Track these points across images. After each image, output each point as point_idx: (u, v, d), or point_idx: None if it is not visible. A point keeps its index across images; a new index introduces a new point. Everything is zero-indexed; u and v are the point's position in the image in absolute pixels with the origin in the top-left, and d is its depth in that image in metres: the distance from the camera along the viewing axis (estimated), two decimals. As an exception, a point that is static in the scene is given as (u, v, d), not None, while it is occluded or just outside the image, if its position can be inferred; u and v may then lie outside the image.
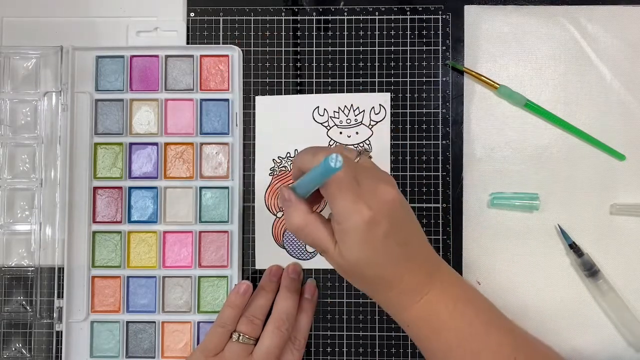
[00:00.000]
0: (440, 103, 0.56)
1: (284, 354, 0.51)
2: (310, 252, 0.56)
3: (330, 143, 0.56)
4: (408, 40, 0.57)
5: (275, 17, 0.57)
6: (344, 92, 0.56)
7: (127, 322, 0.56)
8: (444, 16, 0.57)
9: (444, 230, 0.56)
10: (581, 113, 0.56)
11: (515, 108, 0.56)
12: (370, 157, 0.53)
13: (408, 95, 0.56)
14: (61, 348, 0.55)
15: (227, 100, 0.57)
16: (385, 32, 0.57)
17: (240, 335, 0.50)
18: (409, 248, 0.45)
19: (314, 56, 0.57)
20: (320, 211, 0.54)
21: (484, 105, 0.56)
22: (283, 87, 0.57)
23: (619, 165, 0.55)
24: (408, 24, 0.57)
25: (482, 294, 0.48)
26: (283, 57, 0.57)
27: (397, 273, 0.44)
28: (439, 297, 0.45)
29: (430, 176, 0.56)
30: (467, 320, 0.45)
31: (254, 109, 0.57)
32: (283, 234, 0.56)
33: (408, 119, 0.56)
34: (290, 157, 0.56)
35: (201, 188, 0.56)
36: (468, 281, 0.48)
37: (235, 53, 0.56)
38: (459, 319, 0.45)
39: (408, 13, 0.57)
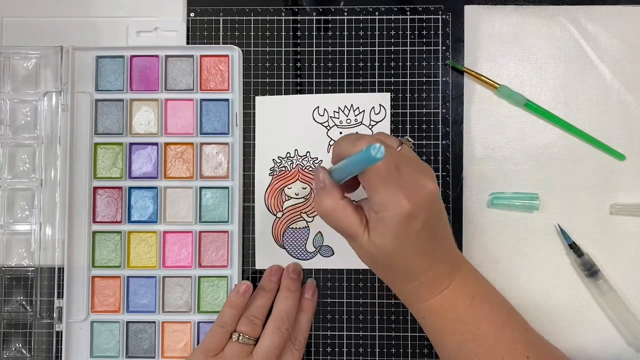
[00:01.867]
0: (440, 103, 0.56)
1: (284, 354, 0.51)
2: (310, 252, 0.56)
3: (330, 143, 0.56)
4: (408, 40, 0.57)
5: (275, 17, 0.57)
6: (344, 92, 0.56)
7: (127, 322, 0.56)
8: (444, 16, 0.57)
9: (444, 230, 0.56)
10: (581, 113, 0.56)
11: (515, 108, 0.56)
12: (412, 146, 0.52)
13: (408, 95, 0.56)
14: (61, 348, 0.55)
15: (227, 100, 0.57)
16: (385, 32, 0.57)
17: (240, 335, 0.50)
18: (438, 242, 0.45)
19: (314, 56, 0.57)
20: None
21: (484, 105, 0.56)
22: (283, 87, 0.57)
23: (619, 165, 0.55)
24: (408, 24, 0.57)
25: (498, 291, 0.49)
26: (283, 57, 0.57)
27: (423, 265, 0.45)
28: (457, 291, 0.46)
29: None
30: (483, 316, 0.46)
31: (254, 109, 0.57)
32: (283, 234, 0.56)
33: (408, 119, 0.56)
34: (290, 157, 0.56)
35: (201, 188, 0.56)
36: (486, 278, 0.49)
37: (235, 53, 0.56)
38: (476, 313, 0.46)
39: (408, 13, 0.57)
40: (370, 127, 0.56)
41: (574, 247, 0.54)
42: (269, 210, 0.56)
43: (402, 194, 0.41)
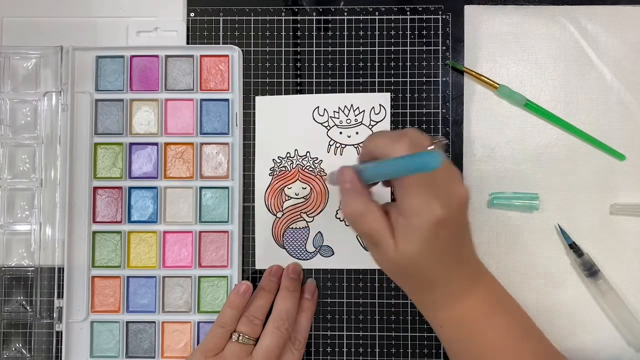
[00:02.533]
0: (440, 103, 0.56)
1: (284, 354, 0.51)
2: (310, 252, 0.56)
3: (330, 143, 0.56)
4: (408, 40, 0.57)
5: (275, 17, 0.57)
6: (344, 92, 0.56)
7: (127, 322, 0.56)
8: (444, 16, 0.57)
9: (444, 230, 0.56)
10: (581, 113, 0.56)
11: (515, 108, 0.56)
12: (445, 145, 0.50)
13: (408, 95, 0.56)
14: (61, 348, 0.55)
15: (227, 100, 0.57)
16: (385, 32, 0.57)
17: (240, 335, 0.50)
18: (463, 251, 0.44)
19: (314, 56, 0.57)
20: None
21: (484, 105, 0.56)
22: (283, 87, 0.57)
23: (619, 165, 0.55)
24: (408, 24, 0.57)
25: (519, 304, 0.48)
26: (283, 57, 0.57)
27: (448, 275, 0.43)
28: (479, 302, 0.45)
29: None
30: (503, 328, 0.45)
31: (254, 109, 0.57)
32: (283, 234, 0.56)
33: (408, 119, 0.56)
34: (290, 157, 0.56)
35: (201, 188, 0.56)
36: (507, 291, 0.48)
37: (235, 53, 0.56)
38: (496, 325, 0.45)
39: (408, 13, 0.57)
40: (370, 127, 0.56)
41: (574, 247, 0.54)
42: (269, 210, 0.56)
43: (436, 201, 0.40)
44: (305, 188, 0.56)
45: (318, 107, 0.56)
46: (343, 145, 0.56)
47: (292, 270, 0.55)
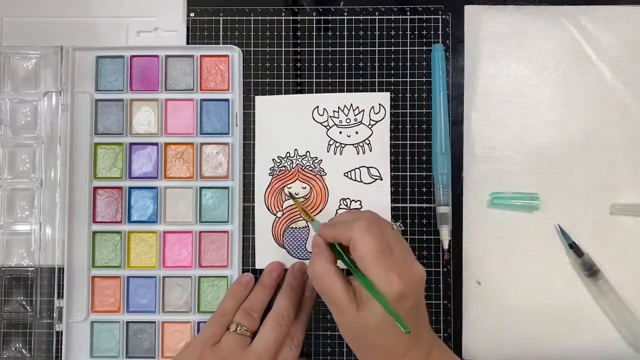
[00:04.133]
0: (440, 103, 0.56)
1: (282, 349, 0.51)
2: (310, 252, 0.56)
3: (330, 142, 0.56)
4: (408, 40, 0.57)
5: (275, 17, 0.57)
6: (344, 92, 0.56)
7: (127, 322, 0.56)
8: (444, 16, 0.57)
9: (444, 230, 0.56)
10: (581, 113, 0.56)
11: (515, 108, 0.56)
12: (402, 229, 0.54)
13: (408, 95, 0.56)
14: (61, 348, 0.55)
15: (227, 100, 0.57)
16: (385, 32, 0.57)
17: (238, 326, 0.50)
18: (420, 322, 0.46)
19: (314, 56, 0.57)
20: None
21: (484, 105, 0.56)
22: (283, 87, 0.57)
23: (619, 165, 0.55)
24: (408, 24, 0.57)
25: None
26: (283, 57, 0.57)
27: (406, 346, 0.45)
28: None
29: (430, 176, 0.56)
30: None
31: (254, 109, 0.57)
32: (283, 233, 0.56)
33: (408, 119, 0.56)
34: (290, 156, 0.56)
35: (201, 188, 0.56)
36: (457, 357, 0.49)
37: (235, 53, 0.56)
38: None
39: (408, 13, 0.57)
40: (369, 126, 0.56)
41: (574, 247, 0.54)
42: (269, 210, 0.56)
43: (394, 274, 0.43)
44: (305, 187, 0.56)
45: (318, 106, 0.56)
46: (343, 145, 0.56)
47: (298, 269, 0.55)
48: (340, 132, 0.56)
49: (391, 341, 0.44)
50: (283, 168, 0.56)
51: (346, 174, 0.56)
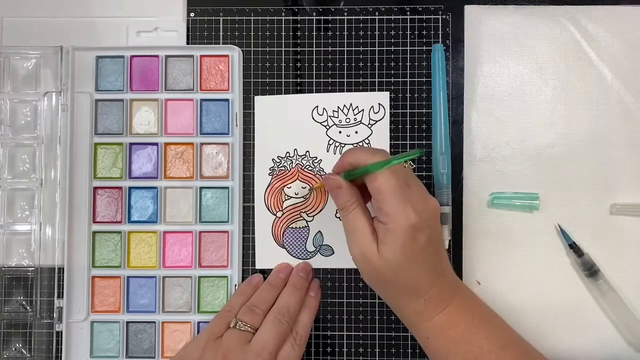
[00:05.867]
0: (440, 103, 0.56)
1: (284, 347, 0.51)
2: (310, 252, 0.56)
3: (329, 142, 0.56)
4: (408, 40, 0.57)
5: (275, 17, 0.57)
6: (343, 92, 0.56)
7: (127, 322, 0.56)
8: (444, 16, 0.57)
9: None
10: (581, 113, 0.56)
11: (515, 108, 0.56)
12: (413, 166, 0.55)
13: (408, 95, 0.56)
14: (61, 348, 0.55)
15: (227, 100, 0.57)
16: (385, 32, 0.57)
17: (239, 322, 0.50)
18: (440, 258, 0.47)
19: (314, 56, 0.57)
20: None
21: (484, 105, 0.56)
22: (283, 87, 0.57)
23: (619, 165, 0.55)
24: (408, 24, 0.57)
25: (496, 313, 0.50)
26: (283, 57, 0.57)
27: (428, 282, 0.46)
28: (459, 309, 0.47)
29: (430, 176, 0.56)
30: (484, 335, 0.47)
31: (253, 109, 0.57)
32: (283, 233, 0.56)
33: (408, 118, 0.56)
34: (289, 156, 0.56)
35: (201, 188, 0.56)
36: (484, 302, 0.50)
37: (235, 53, 0.56)
38: (478, 332, 0.47)
39: (408, 13, 0.57)
40: (369, 126, 0.56)
41: (574, 247, 0.54)
42: (269, 210, 0.56)
43: (410, 206, 0.44)
44: (305, 187, 0.56)
45: (317, 106, 0.56)
46: (342, 145, 0.56)
47: (302, 268, 0.55)
48: (340, 132, 0.56)
49: (413, 274, 0.45)
50: (283, 168, 0.56)
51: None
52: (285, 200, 0.56)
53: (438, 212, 0.46)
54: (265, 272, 0.56)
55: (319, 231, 0.56)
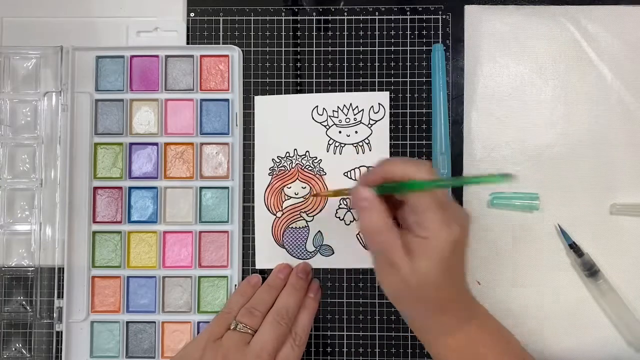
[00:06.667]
0: (440, 103, 0.56)
1: (283, 348, 0.51)
2: (310, 252, 0.56)
3: (329, 142, 0.56)
4: (408, 40, 0.57)
5: (275, 17, 0.57)
6: (343, 92, 0.56)
7: (127, 322, 0.56)
8: (444, 16, 0.57)
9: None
10: (581, 113, 0.56)
11: (515, 108, 0.56)
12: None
13: (408, 95, 0.56)
14: (61, 348, 0.55)
15: (227, 100, 0.57)
16: (385, 32, 0.57)
17: (238, 324, 0.50)
18: (465, 275, 0.47)
19: (314, 56, 0.57)
20: None
21: (484, 105, 0.56)
22: (283, 87, 0.57)
23: (619, 165, 0.55)
24: (408, 24, 0.57)
25: (510, 332, 0.49)
26: (283, 57, 0.57)
27: (459, 297, 0.46)
28: (481, 327, 0.47)
29: (430, 176, 0.56)
30: (501, 351, 0.46)
31: (253, 109, 0.57)
32: (283, 233, 0.56)
33: (408, 119, 0.56)
34: (289, 156, 0.56)
35: (201, 188, 0.56)
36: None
37: (235, 53, 0.56)
38: (497, 350, 0.46)
39: (408, 13, 0.57)
40: (369, 126, 0.56)
41: (574, 247, 0.54)
42: (269, 210, 0.56)
43: (453, 221, 0.42)
44: (305, 187, 0.56)
45: (317, 106, 0.56)
46: (342, 145, 0.56)
47: (302, 269, 0.55)
48: (340, 132, 0.56)
49: (445, 290, 0.44)
50: (283, 168, 0.56)
51: (346, 174, 0.56)
52: (285, 200, 0.56)
53: (469, 227, 0.45)
54: (265, 272, 0.56)
55: (319, 231, 0.56)
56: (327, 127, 0.56)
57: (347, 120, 0.56)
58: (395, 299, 0.47)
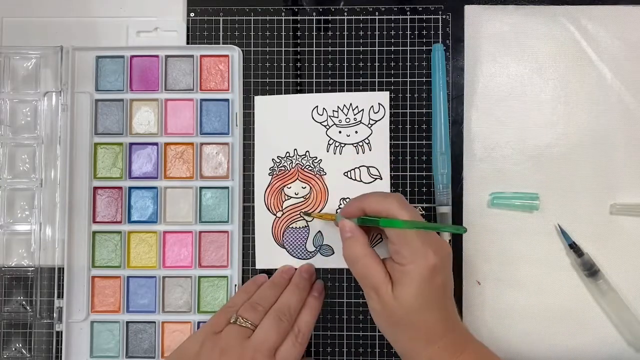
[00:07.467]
0: (440, 103, 0.56)
1: (284, 344, 0.50)
2: (311, 252, 0.56)
3: (329, 142, 0.56)
4: (408, 40, 0.57)
5: (275, 17, 0.57)
6: (343, 92, 0.56)
7: (127, 322, 0.56)
8: (444, 16, 0.57)
9: (444, 230, 0.56)
10: (581, 113, 0.56)
11: (515, 108, 0.56)
12: (422, 212, 0.56)
13: (408, 95, 0.56)
14: (61, 348, 0.55)
15: (227, 100, 0.57)
16: (385, 32, 0.57)
17: (239, 318, 0.50)
18: (451, 304, 0.48)
19: (314, 56, 0.57)
20: None
21: (484, 105, 0.56)
22: (283, 87, 0.57)
23: (619, 165, 0.55)
24: (408, 24, 0.57)
25: None
26: (283, 57, 0.57)
27: (443, 327, 0.46)
28: (473, 358, 0.47)
29: (430, 176, 0.56)
30: None
31: (253, 109, 0.57)
32: (283, 233, 0.56)
33: (408, 118, 0.56)
34: (289, 156, 0.56)
35: (201, 188, 0.56)
36: (493, 353, 0.50)
37: (235, 53, 0.56)
38: None
39: (408, 13, 0.57)
40: (369, 126, 0.56)
41: (574, 247, 0.54)
42: (269, 210, 0.56)
43: (429, 248, 0.45)
44: (305, 187, 0.56)
45: (317, 106, 0.56)
46: (342, 145, 0.56)
47: (306, 270, 0.55)
48: (340, 132, 0.56)
49: (427, 317, 0.46)
50: (283, 168, 0.56)
51: (346, 174, 0.56)
52: (285, 200, 0.56)
53: (450, 254, 0.48)
54: (267, 273, 0.56)
55: (319, 231, 0.56)
56: (327, 127, 0.56)
57: (347, 120, 0.56)
58: (384, 328, 0.48)
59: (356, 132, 0.56)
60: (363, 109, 0.56)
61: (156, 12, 0.57)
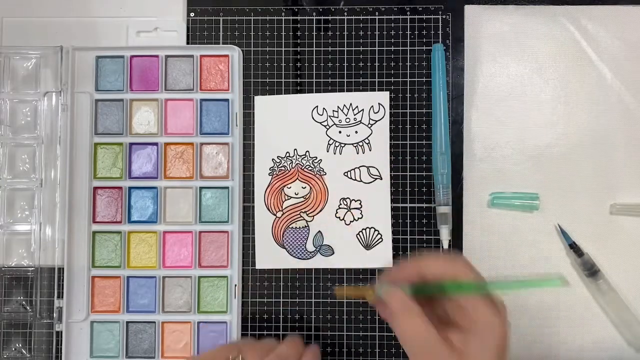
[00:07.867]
0: (440, 103, 0.56)
1: None
2: (310, 252, 0.56)
3: (329, 142, 0.56)
4: (408, 40, 0.57)
5: (275, 17, 0.57)
6: (343, 92, 0.56)
7: (127, 322, 0.56)
8: (444, 16, 0.57)
9: (444, 230, 0.56)
10: (581, 113, 0.56)
11: (515, 108, 0.56)
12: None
13: (408, 95, 0.56)
14: (61, 348, 0.55)
15: (227, 100, 0.57)
16: (385, 32, 0.57)
17: (239, 356, 0.47)
18: None
19: (314, 56, 0.57)
20: None
21: (484, 105, 0.56)
22: (283, 87, 0.57)
23: (619, 165, 0.55)
24: (408, 24, 0.57)
25: None
26: (283, 57, 0.57)
27: None
28: None
29: (430, 176, 0.56)
30: None
31: (253, 108, 0.57)
32: (283, 233, 0.56)
33: (408, 118, 0.56)
34: (289, 156, 0.56)
35: (201, 188, 0.56)
36: None
37: (235, 53, 0.56)
38: None
39: (408, 13, 0.57)
40: (369, 126, 0.56)
41: (574, 247, 0.54)
42: (269, 210, 0.56)
43: (501, 316, 0.41)
44: (305, 187, 0.56)
45: (317, 106, 0.56)
46: (342, 145, 0.56)
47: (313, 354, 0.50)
48: (340, 132, 0.56)
49: None
50: (283, 168, 0.56)
51: (346, 174, 0.56)
52: (285, 200, 0.56)
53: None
54: (265, 273, 0.56)
55: (319, 231, 0.56)
56: (327, 127, 0.56)
57: (347, 120, 0.56)
58: None
59: (356, 132, 0.56)
60: (363, 109, 0.56)
61: (156, 12, 0.57)
